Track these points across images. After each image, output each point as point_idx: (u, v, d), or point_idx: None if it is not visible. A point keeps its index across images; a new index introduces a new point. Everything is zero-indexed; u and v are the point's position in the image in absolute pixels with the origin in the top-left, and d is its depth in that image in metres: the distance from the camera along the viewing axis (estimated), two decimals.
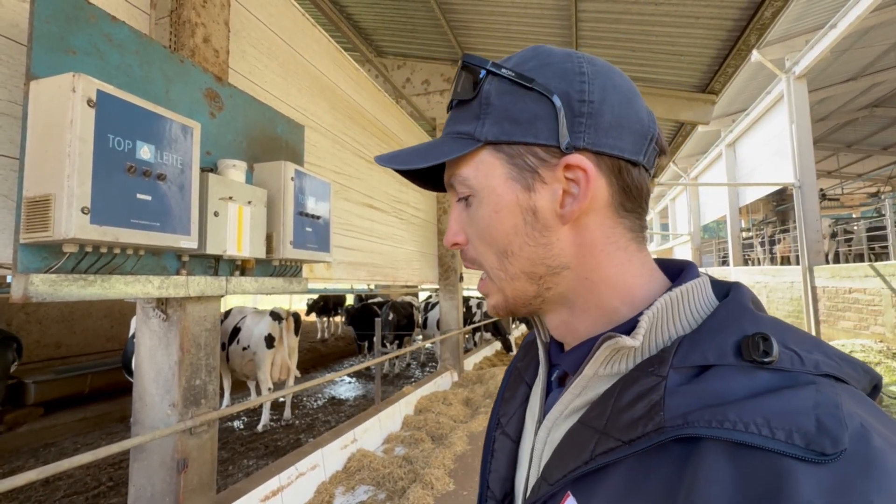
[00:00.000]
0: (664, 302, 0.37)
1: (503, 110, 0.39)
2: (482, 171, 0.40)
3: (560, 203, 0.39)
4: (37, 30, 1.37)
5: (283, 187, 2.19)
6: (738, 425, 0.28)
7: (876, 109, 13.20)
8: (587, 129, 0.38)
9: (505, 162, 0.40)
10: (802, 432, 0.26)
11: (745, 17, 3.79)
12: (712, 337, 0.34)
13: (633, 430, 0.32)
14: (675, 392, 0.31)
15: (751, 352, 0.31)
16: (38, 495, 3.40)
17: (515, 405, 0.51)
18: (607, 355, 0.37)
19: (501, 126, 0.39)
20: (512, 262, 0.40)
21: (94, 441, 4.66)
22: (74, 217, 1.25)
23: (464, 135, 0.41)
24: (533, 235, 0.39)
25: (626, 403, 0.34)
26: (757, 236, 15.03)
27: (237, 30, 2.50)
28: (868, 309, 7.69)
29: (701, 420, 0.29)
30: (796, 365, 0.30)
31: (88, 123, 1.29)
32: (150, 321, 1.94)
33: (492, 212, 0.40)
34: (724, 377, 0.31)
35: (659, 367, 0.34)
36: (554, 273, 0.40)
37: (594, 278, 0.40)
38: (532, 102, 0.38)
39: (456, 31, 5.33)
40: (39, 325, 6.18)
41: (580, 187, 0.38)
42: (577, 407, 0.40)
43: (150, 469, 1.89)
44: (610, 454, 0.32)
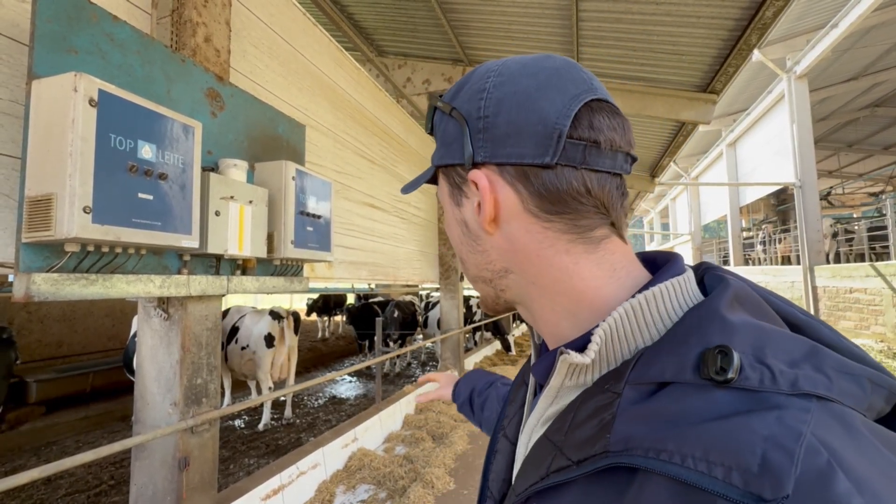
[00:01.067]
0: (624, 310, 0.34)
1: (441, 137, 0.44)
2: (441, 190, 0.46)
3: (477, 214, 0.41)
4: (38, 29, 1.37)
5: (284, 187, 2.19)
6: (674, 457, 0.25)
7: (877, 109, 13.19)
8: (485, 143, 0.39)
9: (445, 181, 0.45)
10: (742, 470, 0.23)
11: (747, 17, 3.79)
12: (674, 349, 0.30)
13: (583, 450, 0.30)
14: (626, 412, 0.29)
15: (707, 367, 0.27)
16: (39, 494, 3.41)
17: (516, 406, 0.50)
18: (567, 369, 0.35)
19: (440, 151, 0.44)
20: (467, 266, 0.45)
21: (95, 440, 4.67)
22: (76, 216, 1.25)
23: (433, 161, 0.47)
24: (470, 244, 0.43)
25: (581, 420, 0.31)
26: (757, 235, 15.00)
27: (238, 29, 2.50)
28: (869, 309, 7.68)
29: (639, 448, 0.26)
30: (766, 383, 0.26)
31: (90, 123, 1.29)
32: (152, 320, 1.94)
33: (447, 225, 0.47)
34: (677, 398, 0.27)
35: (615, 383, 0.31)
36: (500, 276, 0.42)
37: (540, 283, 0.39)
38: (452, 126, 0.42)
39: (457, 31, 5.32)
40: (41, 324, 6.19)
41: (483, 199, 0.39)
42: (550, 416, 0.38)
43: (152, 468, 1.90)
44: (561, 473, 0.31)
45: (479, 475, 2.95)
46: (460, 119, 0.40)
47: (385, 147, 4.59)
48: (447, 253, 6.14)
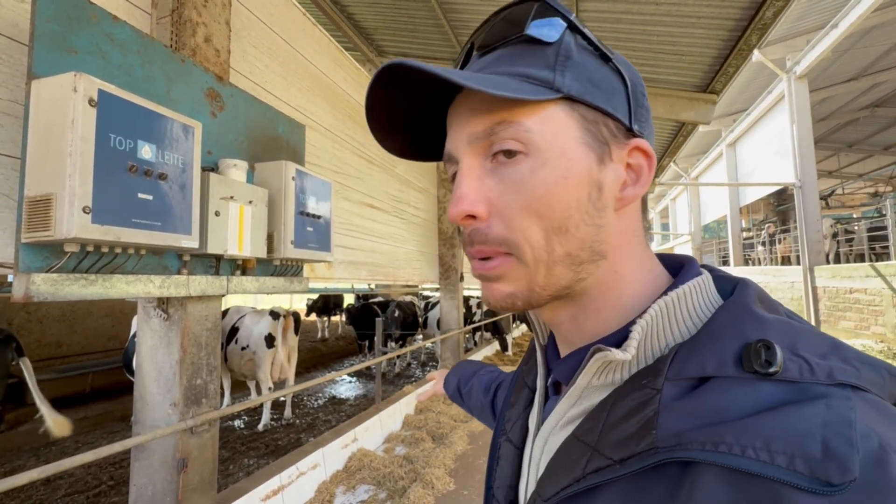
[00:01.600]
0: (659, 308, 0.34)
1: (585, 70, 0.35)
2: (550, 127, 0.34)
3: (621, 186, 0.36)
4: (38, 29, 1.37)
5: (284, 187, 2.19)
6: (734, 448, 0.25)
7: (877, 109, 13.19)
8: (644, 121, 0.37)
9: (579, 124, 0.35)
10: (806, 458, 0.23)
11: (747, 17, 3.79)
12: (711, 344, 0.30)
13: (625, 448, 0.29)
14: (670, 407, 0.29)
15: (752, 361, 0.28)
16: (39, 494, 3.40)
17: (519, 410, 0.48)
18: (599, 367, 0.35)
19: (584, 84, 0.35)
20: (563, 241, 0.34)
21: (94, 440, 4.67)
22: (76, 216, 1.25)
23: (534, 79, 0.34)
24: (592, 214, 0.34)
25: (618, 418, 0.31)
26: (758, 235, 15.01)
27: (238, 29, 2.50)
28: (869, 309, 7.68)
29: (695, 441, 0.26)
30: (805, 375, 0.27)
31: (90, 123, 1.29)
32: (152, 320, 1.94)
33: (559, 177, 0.34)
34: (722, 391, 0.28)
35: (653, 380, 0.31)
36: (593, 261, 0.35)
37: (620, 272, 0.37)
38: (610, 74, 0.36)
39: (457, 31, 5.33)
40: (40, 325, 6.19)
41: (642, 174, 0.37)
42: (573, 417, 0.37)
43: (152, 468, 1.90)
44: (601, 473, 0.30)
45: (480, 475, 2.94)
46: (622, 77, 0.36)
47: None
48: (447, 253, 6.14)
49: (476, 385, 0.86)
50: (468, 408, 0.90)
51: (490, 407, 0.81)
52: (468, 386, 0.88)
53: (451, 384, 0.94)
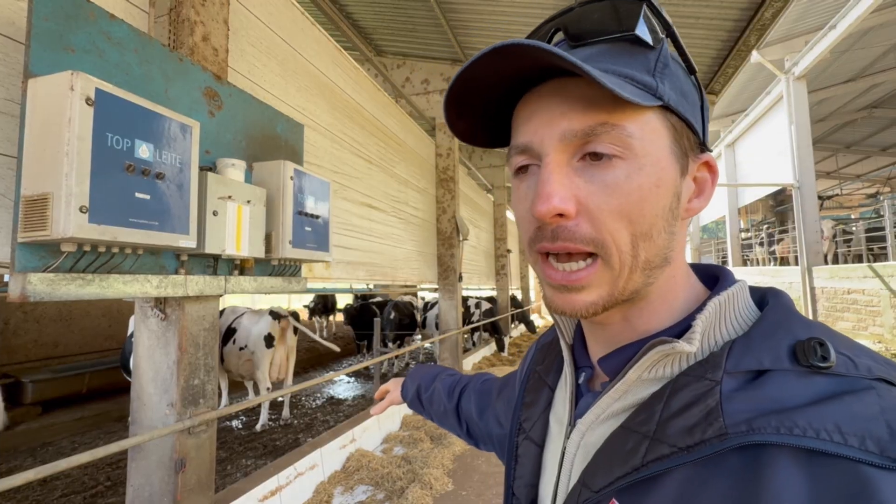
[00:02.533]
0: (715, 305, 0.36)
1: (678, 80, 0.36)
2: (648, 133, 0.34)
3: (689, 197, 0.38)
4: (35, 27, 1.36)
5: (283, 186, 2.18)
6: (808, 432, 0.27)
7: (875, 110, 13.22)
8: (707, 135, 0.39)
9: (670, 134, 0.35)
10: (875, 438, 0.26)
11: (746, 18, 3.79)
12: (765, 341, 0.33)
13: (691, 436, 0.30)
14: (733, 398, 0.30)
15: (808, 356, 0.30)
16: (35, 495, 3.39)
17: (539, 409, 0.48)
18: (655, 360, 0.35)
19: (677, 95, 0.35)
20: (647, 247, 0.35)
21: (91, 440, 4.65)
22: (73, 216, 1.24)
23: (638, 83, 0.34)
24: (670, 222, 0.36)
25: (678, 408, 0.32)
26: (756, 236, 15.04)
27: (236, 28, 2.49)
28: (867, 310, 7.70)
29: (768, 426, 0.28)
30: (851, 370, 0.30)
31: (87, 122, 1.28)
32: (149, 321, 1.93)
33: (653, 185, 0.34)
34: (782, 383, 0.30)
35: (712, 372, 0.32)
36: (661, 266, 0.36)
37: (677, 277, 0.39)
38: (693, 88, 0.37)
39: (456, 31, 5.32)
40: (37, 324, 6.17)
41: (706, 188, 0.39)
42: (617, 411, 0.38)
43: (149, 469, 1.89)
44: (664, 461, 0.31)
45: (479, 476, 2.92)
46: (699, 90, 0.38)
47: (383, 147, 4.58)
48: (445, 253, 6.13)
49: (439, 389, 0.84)
50: (428, 414, 0.87)
51: (455, 412, 0.79)
52: (429, 391, 0.86)
53: (410, 390, 0.91)
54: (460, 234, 6.24)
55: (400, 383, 0.95)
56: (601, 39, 0.36)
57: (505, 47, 0.31)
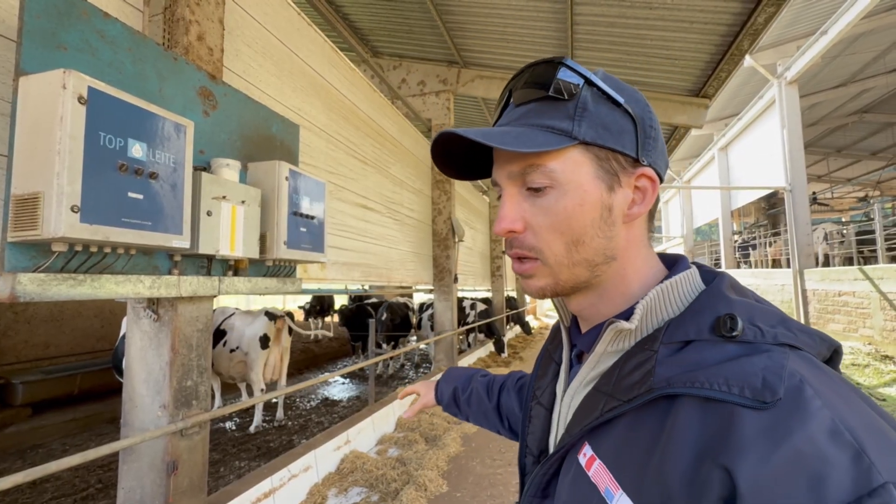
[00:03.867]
0: (656, 292, 0.45)
1: (598, 118, 0.45)
2: (570, 166, 0.45)
3: (629, 205, 0.47)
4: (27, 25, 1.35)
5: (278, 187, 2.17)
6: (705, 385, 0.36)
7: (865, 115, 13.39)
8: (651, 150, 0.47)
9: (593, 162, 0.45)
10: (751, 387, 0.34)
11: (739, 23, 3.83)
12: (693, 318, 0.42)
13: (631, 391, 0.41)
14: (664, 362, 0.40)
15: (720, 328, 0.39)
16: (24, 497, 3.34)
17: (548, 380, 0.60)
18: (612, 336, 0.46)
19: (597, 131, 0.44)
20: (580, 250, 0.46)
21: (82, 442, 4.59)
22: (64, 215, 1.23)
23: (556, 130, 0.45)
24: (604, 229, 0.46)
25: (626, 372, 0.42)
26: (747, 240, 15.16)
27: (231, 28, 2.48)
28: (857, 312, 7.78)
29: (679, 382, 0.37)
30: (758, 337, 0.38)
31: (79, 121, 1.27)
32: (141, 321, 1.91)
33: (576, 205, 0.45)
34: (699, 350, 0.39)
35: (651, 344, 0.42)
36: (606, 263, 0.47)
37: (628, 269, 0.48)
38: (620, 117, 0.46)
39: (452, 33, 5.33)
40: (28, 325, 6.09)
41: (646, 194, 0.47)
42: (592, 378, 0.48)
43: (140, 471, 1.87)
44: (614, 410, 0.42)
45: (473, 477, 2.92)
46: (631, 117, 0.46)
47: (378, 148, 4.57)
48: (441, 254, 6.13)
49: (478, 389, 0.89)
50: (465, 415, 0.91)
51: (496, 410, 0.87)
52: (468, 392, 0.90)
53: (446, 393, 0.94)
54: (456, 235, 6.24)
55: (432, 386, 0.98)
56: (531, 100, 0.47)
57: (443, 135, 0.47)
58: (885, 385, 5.97)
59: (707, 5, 3.70)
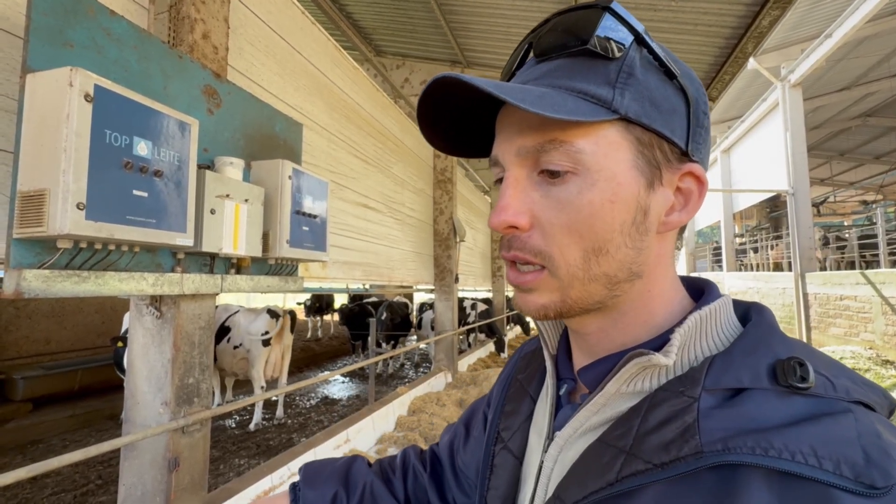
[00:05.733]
0: (695, 320, 0.35)
1: (646, 89, 0.34)
2: (603, 148, 0.33)
3: (668, 210, 0.36)
4: (34, 22, 1.35)
5: (281, 186, 2.18)
6: (783, 454, 0.26)
7: (869, 119, 13.36)
8: (702, 143, 0.37)
9: (632, 147, 0.34)
10: (851, 463, 0.25)
11: (743, 25, 3.83)
12: (744, 359, 0.32)
13: (666, 453, 0.30)
14: (710, 415, 0.30)
15: (787, 376, 0.30)
16: (25, 493, 3.35)
17: (519, 420, 0.47)
18: (633, 372, 0.35)
19: (643, 106, 0.33)
20: (601, 261, 0.34)
21: (83, 438, 4.61)
22: (69, 213, 1.23)
23: (591, 97, 0.33)
24: (634, 237, 0.35)
25: (655, 424, 0.32)
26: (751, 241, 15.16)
27: (235, 26, 2.48)
28: (858, 316, 7.77)
29: (744, 446, 0.27)
30: (829, 391, 0.29)
31: (85, 118, 1.28)
32: (144, 318, 1.92)
33: (606, 200, 0.34)
34: (760, 402, 0.29)
35: (690, 388, 0.32)
36: (629, 280, 0.36)
37: (654, 291, 0.38)
38: (673, 93, 0.35)
39: (456, 33, 5.33)
40: (29, 321, 6.11)
41: (691, 199, 0.37)
42: (594, 425, 0.37)
43: (141, 468, 1.87)
44: (639, 476, 0.30)
45: None
46: (685, 96, 0.35)
47: (380, 147, 4.58)
48: (442, 254, 6.14)
49: (375, 487, 0.58)
50: None
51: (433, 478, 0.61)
52: (358, 494, 0.57)
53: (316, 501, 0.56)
54: (457, 235, 6.24)
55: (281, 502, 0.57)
56: (560, 54, 0.36)
57: (442, 79, 0.33)
58: (891, 388, 5.96)
59: (711, 8, 3.70)
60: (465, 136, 0.43)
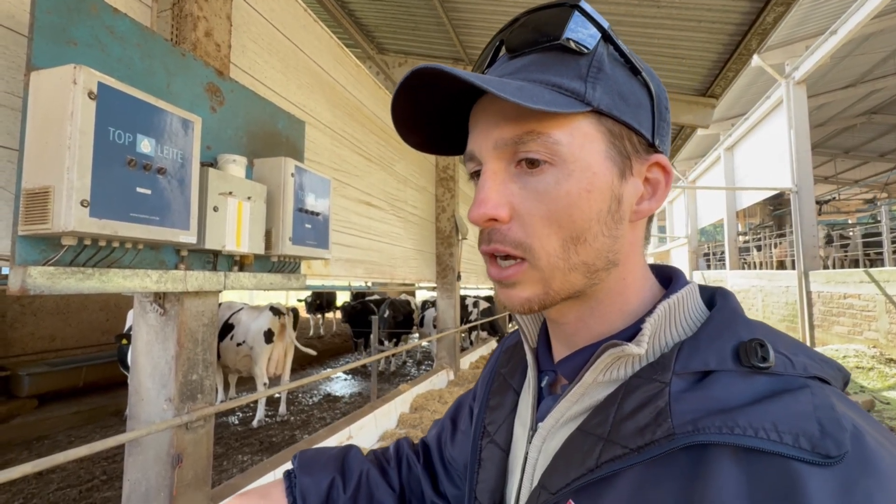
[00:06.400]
0: (664, 309, 0.37)
1: (615, 83, 0.35)
2: (578, 139, 0.35)
3: (638, 199, 0.38)
4: (38, 20, 1.36)
5: (283, 183, 2.18)
6: (748, 431, 0.28)
7: (874, 116, 13.27)
8: (665, 136, 0.38)
9: (605, 138, 0.35)
10: (808, 436, 0.27)
11: (747, 22, 3.80)
12: (710, 343, 0.34)
13: (641, 437, 0.31)
14: (680, 398, 0.31)
15: (749, 357, 0.31)
16: (30, 488, 3.39)
17: (504, 413, 0.48)
18: (608, 362, 0.36)
19: (613, 99, 0.35)
20: (580, 250, 0.35)
21: (87, 434, 4.64)
22: (74, 210, 1.24)
23: (565, 90, 0.34)
24: (610, 226, 0.36)
25: (630, 410, 0.33)
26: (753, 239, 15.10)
27: (237, 24, 2.48)
28: (862, 314, 7.74)
29: (711, 426, 0.29)
30: (788, 369, 0.31)
31: (89, 116, 1.28)
32: (148, 315, 1.93)
33: (583, 190, 0.35)
34: (726, 383, 0.31)
35: (662, 374, 0.33)
36: (606, 268, 0.37)
37: (628, 279, 0.40)
38: (638, 88, 0.37)
39: (458, 30, 5.32)
40: (34, 317, 6.15)
41: (658, 188, 0.39)
42: (574, 414, 0.38)
43: (146, 463, 1.89)
44: (617, 461, 0.32)
45: None
46: (649, 91, 0.37)
47: (383, 145, 4.58)
48: (444, 252, 6.14)
49: (372, 475, 0.59)
50: None
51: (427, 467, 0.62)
52: (355, 480, 0.57)
53: (312, 491, 0.55)
54: (459, 233, 6.24)
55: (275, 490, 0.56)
56: (532, 50, 0.37)
57: (422, 69, 0.33)
58: (889, 388, 5.94)
59: (715, 4, 3.67)
60: (443, 132, 0.43)
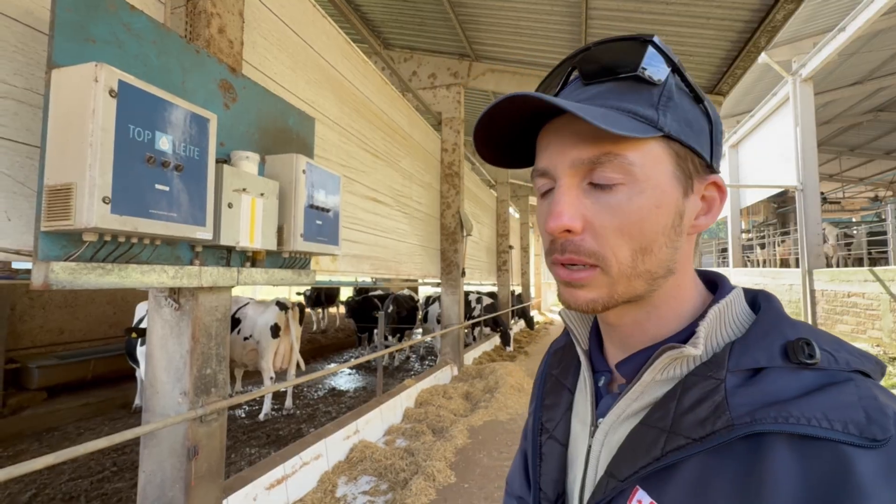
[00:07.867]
0: (715, 312, 0.41)
1: (682, 111, 0.40)
2: (650, 161, 0.39)
3: (696, 215, 0.43)
4: (58, 18, 1.37)
5: (295, 180, 2.20)
6: (801, 420, 0.32)
7: (880, 114, 13.17)
8: (718, 158, 0.43)
9: (672, 160, 0.40)
10: (855, 423, 0.31)
11: (756, 19, 3.78)
12: (759, 342, 0.38)
13: (702, 428, 0.35)
14: (736, 393, 0.35)
15: (797, 355, 0.35)
16: (42, 478, 3.44)
17: (560, 411, 0.53)
18: (666, 363, 0.40)
19: (680, 125, 0.40)
20: (646, 259, 0.40)
21: (96, 426, 4.69)
22: (95, 206, 1.26)
23: (640, 117, 0.39)
24: (672, 238, 0.41)
25: (689, 405, 0.37)
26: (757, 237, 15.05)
27: (248, 20, 2.49)
28: (866, 313, 7.73)
29: (767, 417, 0.33)
30: (832, 364, 0.35)
31: (110, 113, 1.30)
32: (163, 310, 1.95)
33: (652, 206, 0.39)
34: (777, 378, 0.35)
35: (717, 371, 0.37)
36: (665, 276, 0.42)
37: (682, 286, 0.44)
38: (700, 115, 0.41)
39: (464, 26, 5.31)
40: (43, 311, 6.20)
41: (713, 206, 0.44)
42: (635, 410, 0.43)
43: (161, 455, 1.92)
44: (681, 451, 0.36)
45: (480, 469, 2.95)
46: (709, 118, 0.42)
47: (389, 141, 4.58)
48: (449, 248, 6.15)
49: None
50: None
51: None
52: None
53: None
54: (464, 229, 6.25)
55: None
56: (610, 79, 0.41)
57: (517, 97, 0.38)
58: (892, 387, 5.94)
59: (725, 1, 3.65)
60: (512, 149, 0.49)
